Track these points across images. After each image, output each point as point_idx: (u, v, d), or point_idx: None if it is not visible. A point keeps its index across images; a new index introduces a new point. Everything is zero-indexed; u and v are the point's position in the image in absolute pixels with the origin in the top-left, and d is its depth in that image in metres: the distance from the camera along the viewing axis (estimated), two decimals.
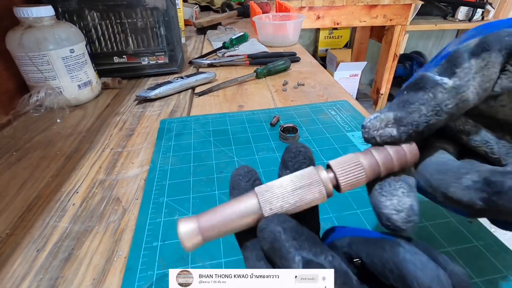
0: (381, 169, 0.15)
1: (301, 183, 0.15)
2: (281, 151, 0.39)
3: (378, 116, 0.15)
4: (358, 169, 0.15)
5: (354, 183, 0.15)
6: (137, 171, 0.37)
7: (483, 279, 0.23)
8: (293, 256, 0.13)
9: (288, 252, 0.13)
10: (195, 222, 0.14)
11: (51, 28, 0.49)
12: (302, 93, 0.58)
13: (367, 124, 0.15)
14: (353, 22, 1.68)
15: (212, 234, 0.14)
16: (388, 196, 0.14)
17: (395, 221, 0.14)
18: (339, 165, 0.15)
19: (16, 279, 0.25)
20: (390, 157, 0.15)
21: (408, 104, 0.15)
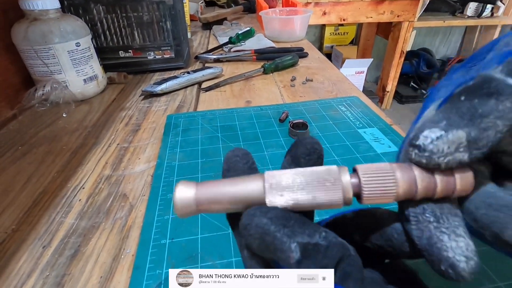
0: (419, 191, 0.12)
1: (318, 181, 0.13)
2: None
3: (444, 136, 0.12)
4: (390, 182, 0.12)
5: (379, 196, 0.13)
6: (144, 166, 0.36)
7: (507, 283, 0.22)
8: (289, 245, 0.12)
9: (282, 242, 0.12)
10: (193, 190, 0.13)
11: (57, 21, 0.48)
12: (310, 88, 0.57)
13: (429, 147, 0.12)
14: (360, 18, 1.66)
15: (207, 208, 0.13)
16: (451, 235, 0.12)
17: (462, 270, 0.11)
18: (367, 172, 0.13)
19: (21, 276, 0.24)
20: (434, 181, 0.12)
21: (479, 117, 0.11)
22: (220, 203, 0.13)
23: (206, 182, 0.14)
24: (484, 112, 0.11)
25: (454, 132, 0.11)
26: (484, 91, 0.12)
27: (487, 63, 0.13)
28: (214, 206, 0.13)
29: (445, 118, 0.12)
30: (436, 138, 0.12)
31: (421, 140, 0.12)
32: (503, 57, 0.12)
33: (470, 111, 0.12)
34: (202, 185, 0.14)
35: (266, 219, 0.12)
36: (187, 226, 0.28)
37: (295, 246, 0.12)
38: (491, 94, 0.11)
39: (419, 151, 0.12)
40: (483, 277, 0.22)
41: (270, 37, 0.90)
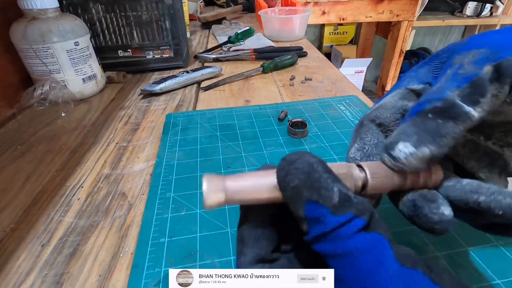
0: (408, 182, 0.16)
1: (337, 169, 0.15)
2: (289, 146, 0.38)
3: (415, 153, 0.15)
4: (389, 175, 0.16)
5: (381, 187, 0.15)
6: (143, 165, 0.36)
7: (505, 281, 0.22)
8: (332, 187, 0.13)
9: (327, 183, 0.13)
10: (221, 181, 0.14)
11: (56, 20, 0.48)
12: (309, 88, 0.57)
13: (403, 160, 0.15)
14: (359, 17, 1.66)
15: (236, 196, 0.14)
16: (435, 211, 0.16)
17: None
18: (370, 167, 0.16)
19: (20, 274, 0.24)
20: (418, 175, 0.16)
21: (440, 137, 0.15)
22: (247, 193, 0.14)
23: (231, 175, 0.15)
24: (442, 131, 0.15)
25: (421, 150, 0.15)
26: (446, 114, 0.15)
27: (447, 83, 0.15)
28: (241, 196, 0.14)
29: (416, 133, 0.15)
30: (409, 154, 0.15)
31: (397, 153, 0.15)
32: (460, 80, 0.15)
33: (435, 130, 0.15)
34: (228, 177, 0.14)
35: (315, 160, 0.14)
36: (186, 225, 0.28)
37: (336, 190, 0.13)
38: (450, 117, 0.15)
39: (393, 160, 0.15)
40: (481, 274, 0.22)
41: (270, 37, 0.90)
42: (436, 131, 0.15)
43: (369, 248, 0.12)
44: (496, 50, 0.15)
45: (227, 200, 0.14)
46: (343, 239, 0.12)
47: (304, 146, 0.38)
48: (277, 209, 0.16)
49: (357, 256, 0.12)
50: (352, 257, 0.12)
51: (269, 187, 0.14)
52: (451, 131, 0.14)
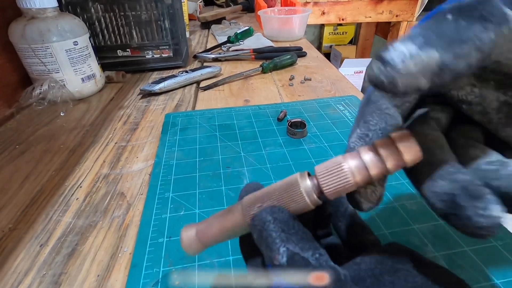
0: (372, 174, 0.13)
1: (285, 192, 0.14)
2: (289, 146, 0.38)
3: (418, 55, 0.10)
4: (345, 174, 0.13)
5: (340, 189, 0.13)
6: (141, 165, 0.36)
7: (504, 281, 0.22)
8: (278, 247, 0.12)
9: (274, 242, 0.12)
10: (194, 231, 0.16)
11: (55, 20, 0.48)
12: (309, 88, 0.57)
13: (396, 60, 0.10)
14: (359, 17, 1.66)
15: (209, 241, 0.16)
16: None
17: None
18: (322, 171, 0.13)
19: (18, 274, 0.24)
20: (381, 160, 0.13)
21: (459, 42, 0.10)
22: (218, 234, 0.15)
23: (203, 222, 0.16)
24: (464, 36, 0.10)
25: (427, 50, 0.10)
26: (475, 13, 0.10)
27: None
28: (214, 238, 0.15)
29: (422, 34, 0.10)
30: (408, 55, 0.10)
31: (391, 54, 0.10)
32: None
33: (452, 32, 0.10)
34: (200, 224, 0.16)
35: (270, 217, 0.13)
36: (184, 225, 0.28)
37: (284, 250, 0.12)
38: (479, 18, 0.10)
39: (384, 66, 0.10)
40: (479, 274, 0.22)
41: (269, 37, 0.90)
42: (455, 34, 0.10)
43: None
44: None
45: (205, 246, 0.16)
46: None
47: (303, 146, 0.38)
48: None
49: None
50: None
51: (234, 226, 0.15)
52: (476, 36, 0.10)
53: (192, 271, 0.23)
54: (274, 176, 0.33)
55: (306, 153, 0.37)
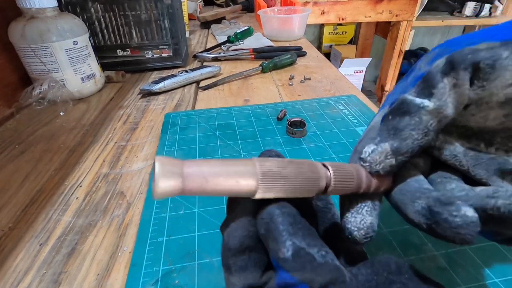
0: (363, 186, 0.16)
1: (304, 171, 0.14)
2: (288, 146, 0.38)
3: (376, 149, 0.16)
4: (350, 179, 0.15)
5: (342, 189, 0.15)
6: (141, 165, 0.36)
7: (503, 279, 0.22)
8: (285, 240, 0.12)
9: (280, 235, 0.13)
10: (179, 165, 0.12)
11: (54, 19, 0.48)
12: (308, 87, 0.57)
13: (368, 159, 0.16)
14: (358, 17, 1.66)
15: (194, 185, 0.12)
16: (353, 214, 0.16)
17: (355, 236, 0.15)
18: (336, 168, 0.15)
19: (18, 274, 0.24)
20: (371, 180, 0.16)
21: (399, 131, 0.15)
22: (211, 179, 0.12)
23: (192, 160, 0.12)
24: (400, 126, 0.15)
25: (381, 144, 0.15)
26: (401, 111, 0.15)
27: (408, 84, 0.16)
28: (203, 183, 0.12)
29: (378, 135, 0.16)
30: (371, 152, 0.16)
31: (363, 155, 0.16)
32: (415, 80, 0.16)
33: (394, 127, 0.15)
34: (189, 160, 0.12)
35: (279, 211, 0.13)
36: (184, 224, 0.28)
37: (290, 244, 0.12)
38: (405, 112, 0.15)
39: (363, 162, 0.16)
40: (479, 273, 0.22)
41: (269, 36, 0.90)
42: (395, 128, 0.15)
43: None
44: (447, 46, 0.15)
45: (184, 187, 0.11)
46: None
47: (303, 145, 0.38)
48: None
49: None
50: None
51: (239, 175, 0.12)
52: (408, 123, 0.15)
53: (192, 270, 0.24)
54: None
55: (305, 152, 0.37)
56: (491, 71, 0.14)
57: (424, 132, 0.15)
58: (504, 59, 0.14)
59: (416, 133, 0.15)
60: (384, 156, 0.15)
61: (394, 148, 0.15)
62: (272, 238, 0.13)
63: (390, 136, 0.15)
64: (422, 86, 0.15)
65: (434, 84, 0.15)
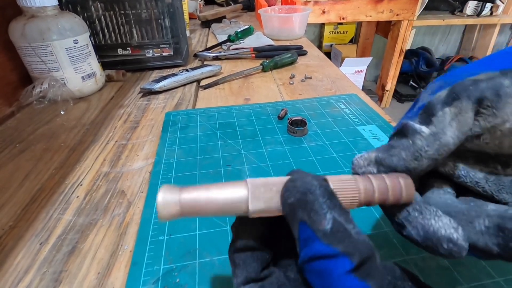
0: (376, 195, 0.15)
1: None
2: (289, 145, 0.38)
3: (363, 155, 0.17)
4: (354, 191, 0.15)
5: (346, 203, 0.14)
6: (142, 163, 0.36)
7: (505, 278, 0.22)
8: (325, 213, 0.13)
9: (321, 207, 0.13)
10: (177, 192, 0.14)
11: (55, 18, 0.48)
12: (309, 86, 0.57)
13: (354, 161, 0.18)
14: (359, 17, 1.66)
15: (191, 210, 0.14)
16: (436, 218, 0.15)
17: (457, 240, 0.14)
18: (337, 182, 0.15)
19: (19, 272, 0.24)
20: (385, 187, 0.15)
21: (392, 148, 0.17)
22: (205, 204, 0.14)
23: (190, 186, 0.14)
24: (395, 145, 0.17)
25: (370, 153, 0.17)
26: (401, 133, 0.17)
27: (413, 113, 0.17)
28: (198, 208, 0.14)
29: (376, 149, 0.17)
30: (359, 156, 0.18)
31: (354, 158, 0.18)
32: (418, 110, 0.17)
33: (390, 145, 0.17)
34: (186, 188, 0.14)
35: (317, 183, 0.14)
36: (185, 223, 0.28)
37: (330, 217, 0.13)
38: (402, 134, 0.17)
39: (352, 165, 0.18)
40: (482, 272, 0.22)
41: (269, 35, 0.90)
42: (390, 145, 0.17)
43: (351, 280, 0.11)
44: (449, 79, 0.16)
45: (182, 212, 0.14)
46: (327, 276, 0.12)
47: (303, 144, 0.38)
48: (271, 227, 0.17)
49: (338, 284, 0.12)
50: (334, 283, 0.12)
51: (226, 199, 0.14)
52: (400, 144, 0.16)
53: (193, 269, 0.23)
54: (274, 174, 0.33)
55: (306, 151, 0.37)
56: (497, 99, 0.14)
57: (415, 155, 0.16)
58: (507, 87, 0.14)
59: (404, 154, 0.16)
60: (367, 162, 0.17)
61: (378, 158, 0.17)
62: (310, 210, 0.13)
63: (382, 151, 0.17)
64: (423, 115, 0.16)
65: (434, 113, 0.16)
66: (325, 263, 0.12)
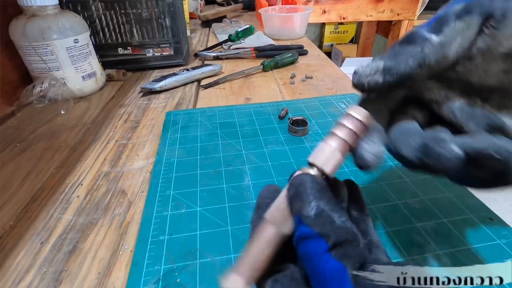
0: (350, 143, 0.17)
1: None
2: (290, 144, 0.38)
3: (370, 64, 0.17)
4: (335, 155, 0.16)
5: (337, 166, 0.16)
6: (142, 163, 0.36)
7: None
8: (310, 201, 0.14)
9: (307, 197, 0.14)
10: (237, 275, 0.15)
11: (55, 17, 0.48)
12: (310, 86, 0.57)
13: (359, 70, 0.17)
14: (360, 16, 1.65)
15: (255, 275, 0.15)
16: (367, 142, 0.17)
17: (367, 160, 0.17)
18: (318, 159, 0.16)
19: (19, 272, 0.24)
20: (351, 131, 0.16)
21: (399, 55, 0.16)
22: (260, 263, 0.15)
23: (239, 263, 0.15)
24: (402, 52, 0.16)
25: (378, 61, 0.17)
26: (408, 40, 0.17)
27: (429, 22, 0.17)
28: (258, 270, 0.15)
29: (380, 57, 0.17)
30: (365, 65, 0.17)
31: (357, 67, 0.18)
32: (432, 21, 0.17)
33: (395, 52, 0.17)
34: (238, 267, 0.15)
35: (309, 179, 0.15)
36: (185, 222, 0.27)
37: (314, 205, 0.14)
38: (411, 41, 0.16)
39: (354, 74, 0.18)
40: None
41: (270, 35, 0.90)
42: (396, 52, 0.17)
43: (329, 277, 0.13)
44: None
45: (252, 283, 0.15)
46: (310, 256, 0.13)
47: (304, 144, 0.38)
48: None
49: (319, 279, 0.13)
50: (315, 276, 0.13)
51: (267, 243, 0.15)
52: (408, 50, 0.16)
53: (193, 269, 0.23)
54: (275, 174, 0.33)
55: (307, 151, 0.37)
56: (501, 20, 0.15)
57: (419, 63, 0.16)
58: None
59: (412, 61, 0.16)
60: (374, 71, 0.17)
61: (386, 67, 0.17)
62: (299, 199, 0.14)
63: (388, 58, 0.17)
64: (435, 24, 0.16)
65: (446, 23, 0.16)
66: (307, 244, 0.13)
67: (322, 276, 0.13)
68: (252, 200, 0.30)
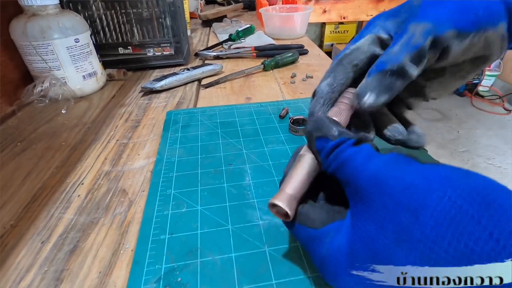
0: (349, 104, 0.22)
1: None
2: (290, 144, 0.38)
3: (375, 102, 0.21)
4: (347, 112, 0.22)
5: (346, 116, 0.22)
6: (143, 162, 0.36)
7: None
8: (332, 127, 0.18)
9: (329, 126, 0.19)
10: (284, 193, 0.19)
11: (56, 17, 0.48)
12: (311, 85, 0.57)
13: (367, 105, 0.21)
14: (360, 16, 1.66)
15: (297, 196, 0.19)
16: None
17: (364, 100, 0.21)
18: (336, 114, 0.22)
19: (20, 271, 0.24)
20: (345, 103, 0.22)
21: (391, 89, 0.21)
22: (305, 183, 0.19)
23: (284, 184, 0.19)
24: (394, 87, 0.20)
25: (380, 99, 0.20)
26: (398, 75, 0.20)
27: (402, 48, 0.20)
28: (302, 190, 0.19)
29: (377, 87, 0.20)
30: (373, 102, 0.20)
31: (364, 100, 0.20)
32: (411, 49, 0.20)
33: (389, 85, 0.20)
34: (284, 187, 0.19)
35: (324, 116, 0.20)
36: (186, 222, 0.27)
37: (336, 129, 0.18)
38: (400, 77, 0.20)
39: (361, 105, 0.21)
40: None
41: (270, 34, 0.90)
42: (390, 87, 0.20)
43: (358, 150, 0.17)
44: (437, 23, 0.19)
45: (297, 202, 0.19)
46: (340, 153, 0.17)
47: (305, 143, 0.38)
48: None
49: (352, 159, 0.17)
50: (349, 160, 0.17)
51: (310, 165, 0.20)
52: (398, 85, 0.20)
53: (194, 268, 0.23)
54: (276, 173, 0.33)
55: None
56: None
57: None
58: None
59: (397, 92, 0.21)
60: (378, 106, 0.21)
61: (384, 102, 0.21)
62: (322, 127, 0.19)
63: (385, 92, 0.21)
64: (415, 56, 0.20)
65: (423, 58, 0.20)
66: (338, 150, 0.18)
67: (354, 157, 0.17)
68: (253, 199, 0.30)
